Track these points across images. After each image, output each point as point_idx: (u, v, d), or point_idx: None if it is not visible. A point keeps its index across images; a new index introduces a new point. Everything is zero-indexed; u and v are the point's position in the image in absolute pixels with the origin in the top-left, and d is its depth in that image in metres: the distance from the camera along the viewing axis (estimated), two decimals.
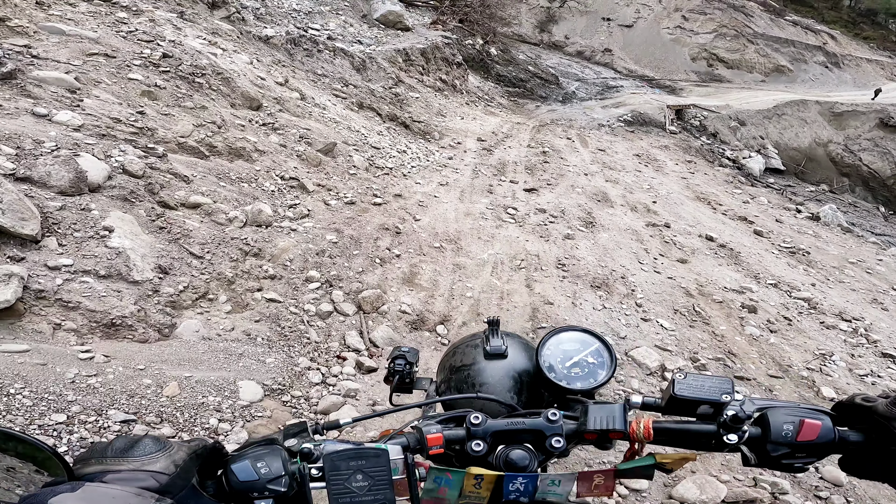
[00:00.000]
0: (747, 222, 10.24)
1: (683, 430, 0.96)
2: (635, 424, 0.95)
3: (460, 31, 21.77)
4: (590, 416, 0.97)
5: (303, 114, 8.43)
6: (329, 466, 0.84)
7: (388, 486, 0.85)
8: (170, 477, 0.69)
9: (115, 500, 0.62)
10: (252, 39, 10.48)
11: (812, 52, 30.56)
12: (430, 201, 7.80)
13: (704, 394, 0.96)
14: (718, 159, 18.12)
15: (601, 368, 1.17)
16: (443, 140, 11.93)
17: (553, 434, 0.96)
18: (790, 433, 0.88)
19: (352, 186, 7.28)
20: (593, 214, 8.67)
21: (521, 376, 1.27)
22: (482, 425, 0.96)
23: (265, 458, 0.82)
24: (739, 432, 0.90)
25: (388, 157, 9.01)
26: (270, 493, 0.80)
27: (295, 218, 5.94)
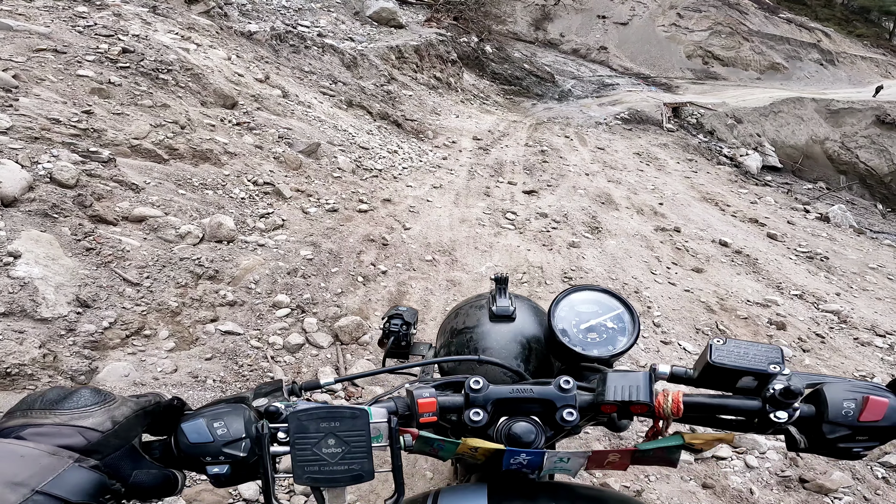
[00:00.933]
0: (759, 225, 9.38)
1: (720, 406, 0.79)
2: (662, 397, 0.79)
3: (455, 29, 20.86)
4: (608, 385, 0.80)
5: (284, 112, 7.54)
6: (295, 427, 0.70)
7: (366, 454, 0.70)
8: (102, 435, 0.60)
9: (24, 458, 0.53)
10: (233, 35, 9.57)
11: (807, 50, 29.74)
12: (422, 206, 6.92)
13: (748, 363, 0.79)
14: (717, 157, 17.37)
15: (622, 335, 1.03)
16: (437, 139, 11.04)
17: (565, 405, 0.79)
18: (851, 412, 0.72)
19: (335, 191, 6.39)
20: (598, 219, 7.80)
21: (530, 342, 1.15)
22: (483, 391, 0.80)
23: (224, 417, 0.70)
24: (790, 409, 0.74)
25: (378, 157, 8.12)
26: (227, 458, 0.68)
27: (266, 230, 5.06)
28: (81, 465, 0.57)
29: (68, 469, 0.55)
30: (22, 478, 0.52)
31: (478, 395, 0.80)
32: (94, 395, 0.64)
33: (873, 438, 0.74)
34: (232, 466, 0.69)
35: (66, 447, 0.57)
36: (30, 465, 0.53)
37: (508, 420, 0.82)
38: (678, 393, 0.81)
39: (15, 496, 0.51)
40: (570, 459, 0.78)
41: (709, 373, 0.84)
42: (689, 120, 21.68)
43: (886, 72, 30.41)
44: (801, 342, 5.56)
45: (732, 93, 25.77)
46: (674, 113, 21.78)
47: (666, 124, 19.95)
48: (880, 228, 17.11)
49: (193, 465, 0.70)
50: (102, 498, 0.59)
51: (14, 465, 0.52)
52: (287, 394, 0.87)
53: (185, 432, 0.69)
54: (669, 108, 21.89)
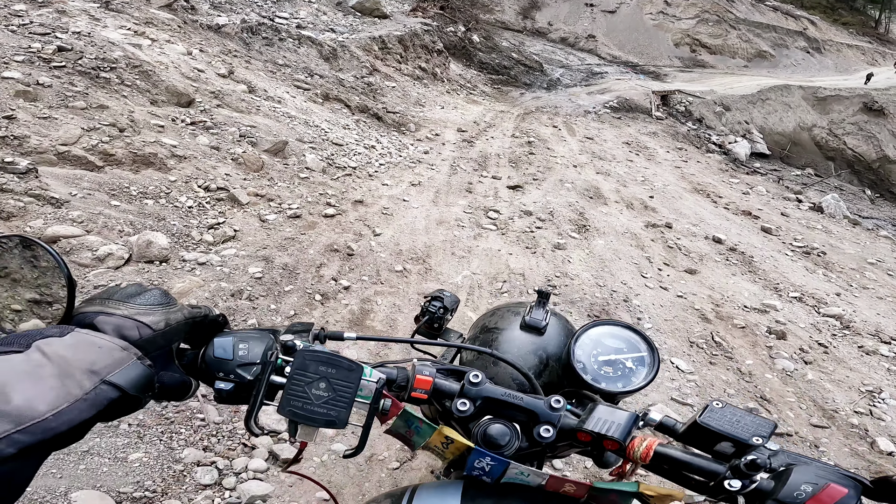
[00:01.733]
0: (752, 217, 8.76)
1: (686, 462, 0.77)
2: (638, 441, 0.78)
3: (441, 19, 20.08)
4: (594, 415, 0.80)
5: (248, 109, 6.86)
6: (297, 363, 0.72)
7: (347, 404, 0.72)
8: (154, 333, 0.66)
9: (101, 350, 0.59)
10: (199, 29, 8.85)
11: (793, 38, 29.06)
12: (397, 207, 6.27)
13: (732, 430, 0.77)
14: (706, 145, 16.75)
15: (635, 376, 1.00)
16: (419, 132, 10.36)
17: (547, 421, 0.80)
18: (804, 495, 0.67)
19: (300, 194, 5.73)
20: (586, 215, 7.16)
21: (550, 360, 1.12)
22: (479, 385, 0.82)
23: (250, 340, 0.75)
24: (748, 480, 0.71)
25: (353, 154, 7.45)
26: (235, 377, 0.73)
27: (215, 242, 4.41)
28: (142, 362, 0.61)
29: (132, 364, 0.60)
30: (98, 367, 0.57)
31: (472, 388, 0.81)
32: (163, 297, 0.71)
33: None
34: (236, 386, 0.71)
35: (124, 337, 0.63)
36: (104, 356, 0.58)
37: (490, 419, 0.80)
38: (654, 441, 0.78)
39: (90, 382, 0.56)
40: (529, 475, 0.76)
41: (693, 431, 0.80)
42: (677, 108, 21.06)
43: (873, 59, 29.78)
44: (803, 353, 4.96)
45: (720, 80, 25.07)
46: (662, 101, 21.16)
47: (655, 112, 19.36)
48: (869, 214, 16.58)
49: (208, 377, 0.73)
50: (148, 392, 0.63)
51: (93, 354, 0.58)
52: (312, 337, 0.85)
53: (214, 346, 0.73)
54: (658, 96, 21.27)
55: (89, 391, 0.55)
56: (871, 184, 22.01)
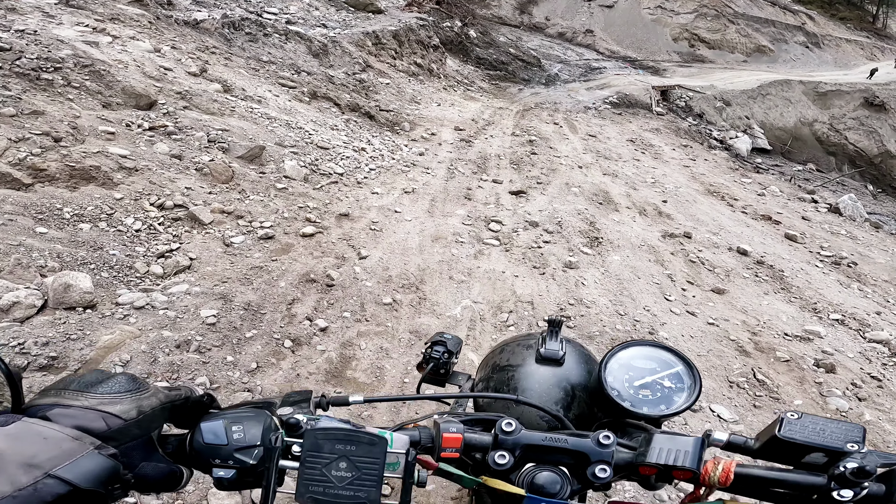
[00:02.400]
0: (773, 223, 7.93)
1: (776, 480, 0.70)
2: (712, 465, 0.71)
3: (437, 14, 19.16)
4: (653, 445, 0.72)
5: (221, 110, 6.00)
6: (309, 444, 0.64)
7: (376, 483, 0.65)
8: (125, 422, 0.57)
9: (47, 441, 0.51)
10: (173, 25, 7.97)
11: (792, 32, 28.19)
12: (387, 220, 5.43)
13: (823, 440, 0.70)
14: (707, 140, 15.96)
15: (678, 394, 0.90)
16: (414, 131, 9.50)
17: (600, 461, 0.71)
18: None
19: (276, 209, 4.89)
20: (597, 225, 6.33)
21: (575, 390, 1.03)
22: (514, 434, 0.73)
23: (244, 421, 0.66)
24: (857, 489, 0.64)
25: (340, 158, 6.60)
26: (235, 463, 0.64)
27: (163, 276, 3.58)
28: (100, 452, 0.53)
29: (87, 455, 0.52)
30: (39, 459, 0.50)
31: (507, 437, 0.73)
32: (130, 383, 0.61)
33: None
34: (239, 472, 0.64)
35: (87, 430, 0.54)
36: (50, 447, 0.51)
37: (535, 468, 0.72)
38: (731, 462, 0.71)
39: (27, 477, 0.48)
40: None
41: (773, 445, 0.72)
42: (677, 103, 20.29)
43: (871, 54, 28.94)
44: (856, 388, 4.16)
45: (720, 75, 24.22)
46: (662, 96, 20.38)
47: (655, 108, 18.57)
48: (872, 210, 15.84)
49: (202, 465, 0.65)
50: (112, 486, 0.55)
51: (34, 446, 0.50)
52: (313, 406, 0.77)
53: (203, 431, 0.65)
54: (658, 91, 20.48)
55: (24, 486, 0.47)
56: (873, 179, 21.28)
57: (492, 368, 1.16)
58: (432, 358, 1.29)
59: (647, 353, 0.97)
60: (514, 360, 1.11)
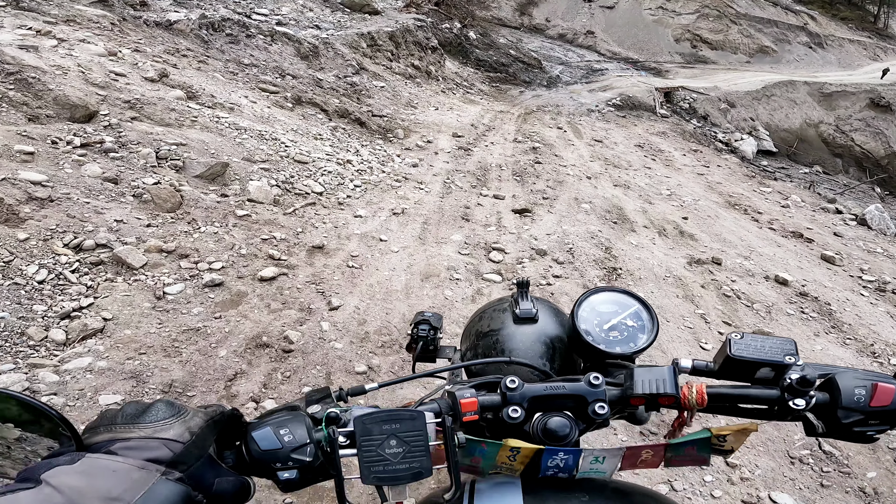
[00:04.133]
0: (805, 241, 6.93)
1: (741, 396, 0.77)
2: (686, 389, 0.76)
3: (436, 15, 18.14)
4: (636, 379, 0.77)
5: (180, 120, 5.02)
6: (360, 430, 0.67)
7: (426, 452, 0.68)
8: (184, 445, 0.56)
9: (116, 473, 0.50)
10: (141, 26, 7.01)
11: (795, 33, 27.10)
12: (370, 253, 4.45)
13: (765, 355, 0.77)
14: (713, 143, 15.00)
15: (641, 332, 0.97)
16: (409, 139, 8.50)
17: (596, 399, 0.76)
18: (862, 398, 0.71)
19: (232, 243, 3.91)
20: (614, 251, 5.35)
21: (554, 342, 1.08)
22: (519, 389, 0.76)
23: (288, 424, 0.66)
24: (806, 397, 0.73)
25: (320, 173, 5.61)
26: (295, 463, 0.64)
27: (65, 343, 2.61)
28: (168, 478, 0.52)
29: (157, 482, 0.51)
30: (117, 493, 0.49)
31: (514, 393, 0.76)
32: (170, 408, 0.58)
33: (885, 422, 0.71)
34: (300, 471, 0.64)
35: (153, 460, 0.53)
36: (123, 479, 0.50)
37: (543, 415, 0.76)
38: (702, 385, 0.77)
39: None
40: (605, 460, 0.75)
41: (728, 365, 0.79)
42: (681, 105, 19.30)
43: (874, 54, 27.84)
44: None
45: (723, 76, 23.15)
46: (666, 98, 19.40)
47: (659, 110, 17.65)
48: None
49: (264, 472, 0.65)
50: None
51: (108, 481, 0.49)
52: (336, 399, 0.77)
53: (257, 440, 0.64)
54: (661, 92, 19.51)
55: None
56: (881, 181, 20.26)
57: (475, 336, 1.16)
58: (420, 337, 1.26)
59: (607, 298, 0.99)
60: (493, 325, 1.12)
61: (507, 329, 1.10)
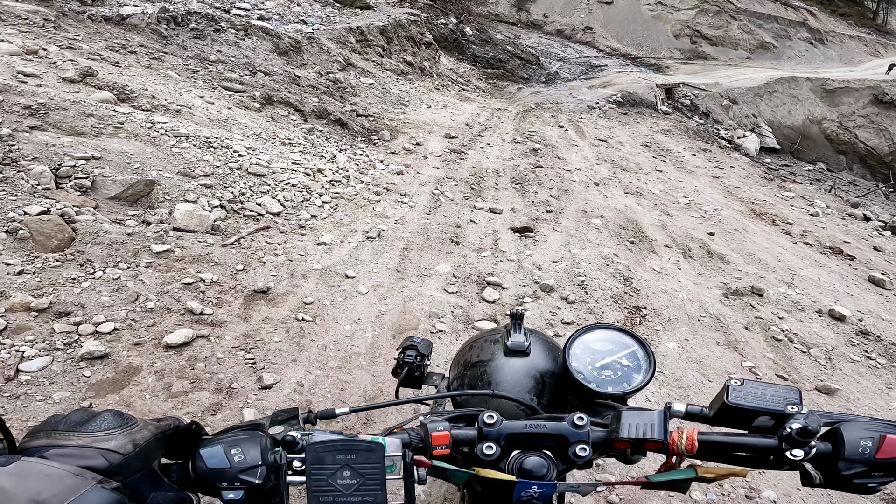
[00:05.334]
0: (846, 259, 5.83)
1: (735, 444, 0.70)
2: (676, 434, 0.70)
3: (432, 10, 16.99)
4: (623, 422, 0.71)
5: (98, 128, 3.91)
6: (312, 458, 0.61)
7: (380, 486, 0.62)
8: (124, 457, 0.52)
9: (49, 478, 0.47)
10: (84, 22, 5.93)
11: (795, 29, 25.91)
12: (329, 298, 3.37)
13: (765, 403, 0.70)
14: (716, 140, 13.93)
15: (637, 372, 0.88)
16: (395, 141, 7.40)
17: (578, 441, 0.70)
18: (868, 449, 0.64)
19: (134, 294, 2.82)
20: (634, 282, 4.27)
21: (544, 377, 0.99)
22: (497, 426, 0.71)
23: (242, 444, 0.61)
24: (806, 448, 0.66)
25: (280, 188, 4.53)
26: (242, 485, 0.59)
27: None
28: (104, 486, 0.49)
29: (91, 489, 0.48)
30: (45, 496, 0.46)
31: (491, 429, 0.70)
32: (117, 419, 0.55)
33: (889, 474, 0.65)
34: (247, 493, 0.59)
35: (89, 468, 0.50)
36: (54, 483, 0.47)
37: (521, 454, 0.71)
38: (693, 431, 0.70)
39: None
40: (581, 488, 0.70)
41: (725, 413, 0.72)
42: (682, 101, 18.21)
43: (875, 50, 26.67)
44: None
45: (724, 72, 22.00)
46: (667, 94, 18.31)
47: (661, 106, 16.62)
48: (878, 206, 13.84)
49: (209, 490, 0.60)
50: None
51: (38, 484, 0.46)
52: (302, 422, 0.73)
53: (204, 458, 0.59)
54: (662, 89, 18.43)
55: None
56: (885, 178, 19.15)
57: (464, 366, 1.08)
58: (406, 362, 1.17)
59: (603, 336, 0.92)
60: (483, 356, 1.05)
61: (496, 361, 1.02)
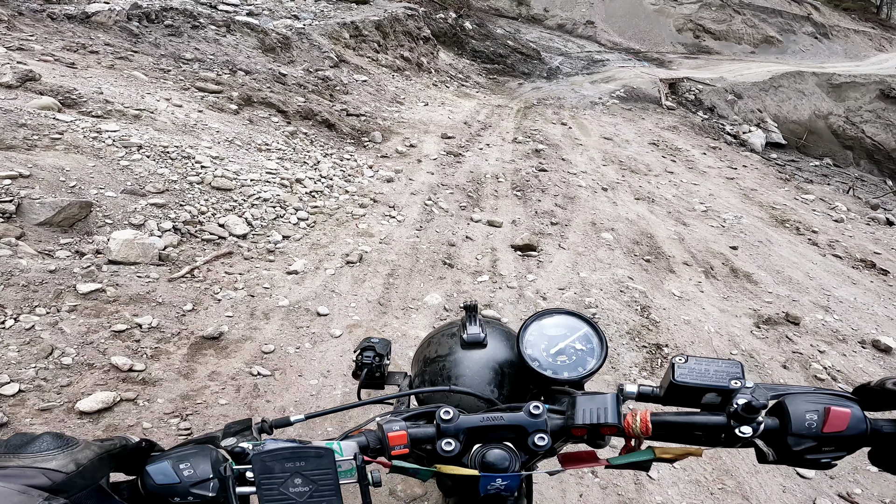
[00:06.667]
0: (879, 273, 5.19)
1: (687, 424, 0.68)
2: (630, 417, 0.69)
3: (430, 5, 16.30)
4: (577, 408, 0.70)
5: (31, 140, 3.29)
6: (259, 468, 0.58)
7: (334, 491, 0.59)
8: (67, 475, 0.50)
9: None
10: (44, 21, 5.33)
11: (800, 23, 25.13)
12: (294, 345, 2.76)
13: (709, 380, 0.69)
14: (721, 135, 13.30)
15: (590, 356, 0.87)
16: (388, 143, 6.76)
17: (536, 430, 0.69)
18: (814, 423, 0.62)
19: (48, 347, 2.23)
20: (651, 311, 3.64)
21: (503, 367, 0.97)
22: (454, 421, 0.69)
23: (191, 458, 0.59)
24: (754, 424, 0.64)
25: (249, 203, 3.90)
26: (195, 499, 0.58)
27: None
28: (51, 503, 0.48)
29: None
30: None
31: (449, 425, 0.69)
32: (56, 440, 0.53)
33: (840, 448, 0.63)
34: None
35: (33, 486, 0.48)
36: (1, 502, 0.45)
37: (482, 447, 0.69)
38: (646, 412, 0.69)
39: None
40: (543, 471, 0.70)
41: (674, 391, 0.71)
42: (686, 96, 17.48)
43: (880, 45, 25.87)
44: None
45: (728, 67, 21.23)
46: (671, 89, 17.64)
47: (665, 101, 15.97)
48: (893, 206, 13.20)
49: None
50: None
51: None
52: (257, 432, 0.70)
53: (151, 474, 0.57)
54: (666, 84, 17.79)
55: None
56: (892, 174, 18.46)
57: (423, 362, 1.05)
58: (364, 364, 1.15)
59: (555, 322, 0.90)
60: (441, 351, 1.03)
61: (454, 355, 1.00)
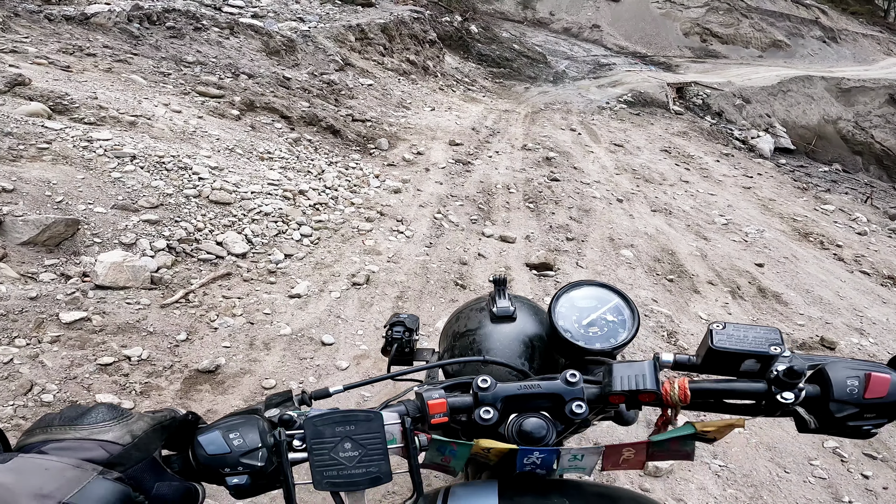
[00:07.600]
0: None
1: (726, 391, 0.67)
2: (668, 384, 0.66)
3: (436, 8, 16.07)
4: (615, 376, 0.68)
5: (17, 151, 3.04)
6: (311, 432, 0.58)
7: (383, 455, 0.60)
8: (123, 447, 0.50)
9: (49, 472, 0.45)
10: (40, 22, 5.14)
11: (808, 27, 24.82)
12: (297, 378, 2.51)
13: (748, 345, 0.66)
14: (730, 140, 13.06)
15: (621, 327, 0.86)
16: (394, 150, 6.51)
17: (573, 398, 0.67)
18: (856, 389, 0.60)
19: (27, 383, 1.97)
20: (679, 338, 3.36)
21: (533, 340, 0.98)
22: (491, 389, 0.67)
23: (239, 428, 0.58)
24: (795, 390, 0.62)
25: (250, 218, 3.65)
26: (245, 469, 0.56)
27: None
28: (105, 477, 0.47)
29: (93, 481, 0.46)
30: (48, 490, 0.43)
31: (486, 393, 0.67)
32: (112, 411, 0.53)
33: (881, 415, 0.61)
34: (251, 476, 0.56)
35: (89, 460, 0.48)
36: (55, 477, 0.45)
37: (518, 416, 0.68)
38: (684, 379, 0.67)
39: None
40: (584, 457, 0.66)
41: (711, 358, 0.69)
42: (694, 101, 17.25)
43: (888, 49, 25.56)
44: None
45: (736, 71, 20.97)
46: (678, 93, 17.38)
47: (672, 106, 15.72)
48: None
49: (213, 477, 0.57)
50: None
51: (40, 478, 0.44)
52: (298, 403, 0.69)
53: (203, 444, 0.56)
54: (673, 88, 17.51)
55: None
56: None
57: (453, 337, 1.06)
58: (394, 339, 1.15)
59: (585, 293, 0.89)
60: (471, 325, 1.02)
61: (484, 329, 1.00)
